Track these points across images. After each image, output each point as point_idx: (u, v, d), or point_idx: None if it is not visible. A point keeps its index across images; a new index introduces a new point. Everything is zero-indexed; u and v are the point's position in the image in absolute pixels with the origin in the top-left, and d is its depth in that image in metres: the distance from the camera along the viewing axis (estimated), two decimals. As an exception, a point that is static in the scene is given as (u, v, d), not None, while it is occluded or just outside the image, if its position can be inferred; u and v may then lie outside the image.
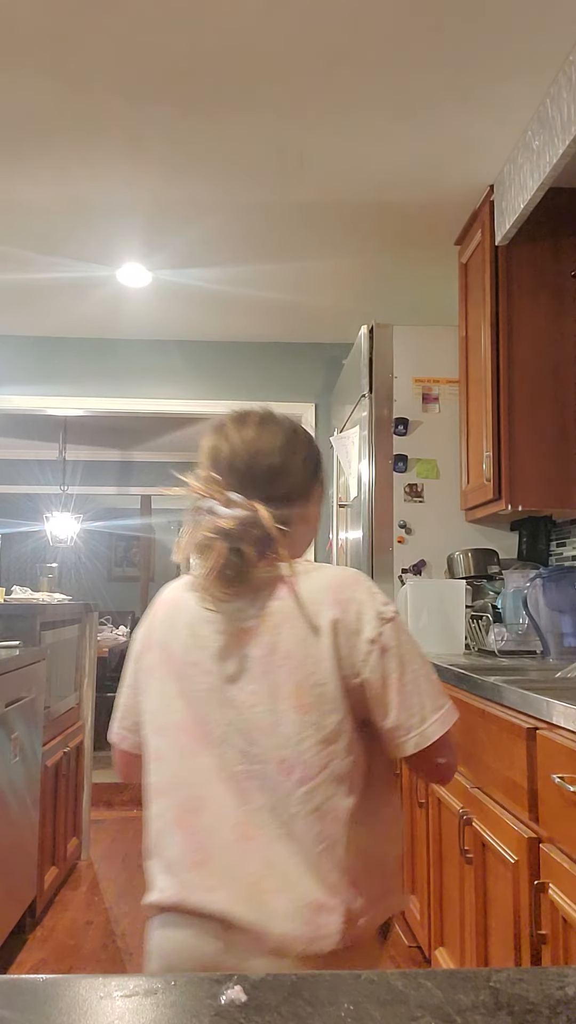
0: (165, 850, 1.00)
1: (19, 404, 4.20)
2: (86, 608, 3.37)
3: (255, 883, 0.93)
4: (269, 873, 0.93)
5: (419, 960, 2.39)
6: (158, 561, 10.36)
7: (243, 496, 1.02)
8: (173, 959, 0.96)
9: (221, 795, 0.96)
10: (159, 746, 1.04)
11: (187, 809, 0.98)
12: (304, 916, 0.91)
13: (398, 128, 2.35)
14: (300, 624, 0.99)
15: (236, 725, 0.97)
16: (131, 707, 1.12)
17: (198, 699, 1.00)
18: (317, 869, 0.93)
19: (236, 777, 0.96)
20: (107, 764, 4.52)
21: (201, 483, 1.05)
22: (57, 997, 0.41)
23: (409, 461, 3.06)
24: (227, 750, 0.97)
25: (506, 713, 1.55)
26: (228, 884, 0.93)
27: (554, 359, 2.60)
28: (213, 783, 0.97)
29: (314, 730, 0.96)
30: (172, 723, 1.02)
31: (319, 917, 0.91)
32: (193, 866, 0.96)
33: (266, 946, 0.91)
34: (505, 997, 0.41)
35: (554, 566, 2.81)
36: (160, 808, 1.02)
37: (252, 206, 2.82)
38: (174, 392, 4.25)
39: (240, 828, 0.95)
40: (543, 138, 2.19)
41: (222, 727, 0.98)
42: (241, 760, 0.97)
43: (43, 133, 2.38)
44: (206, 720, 0.99)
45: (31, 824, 2.47)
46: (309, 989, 0.41)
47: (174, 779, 1.01)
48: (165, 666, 1.05)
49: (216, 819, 0.96)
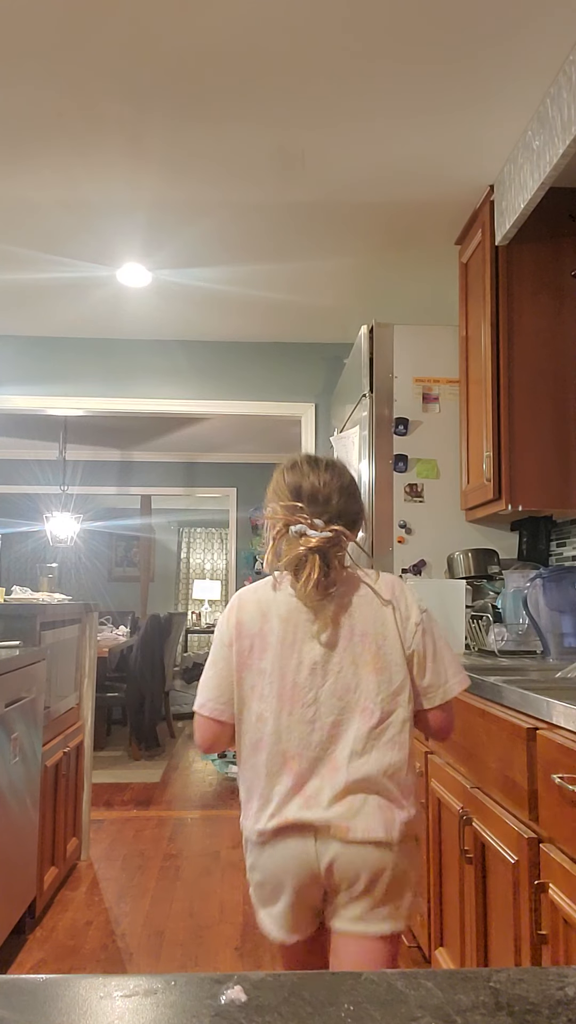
0: (272, 787, 1.31)
1: (19, 404, 4.21)
2: (86, 608, 3.37)
3: (343, 799, 1.27)
4: (353, 790, 1.28)
5: (419, 960, 2.39)
6: (158, 561, 10.37)
7: (323, 522, 1.36)
8: (279, 863, 1.30)
9: (317, 742, 1.30)
10: (262, 710, 1.34)
11: (290, 756, 1.31)
12: (379, 817, 1.27)
13: (398, 128, 2.35)
14: (371, 611, 1.36)
15: (328, 688, 1.31)
16: (225, 686, 1.38)
17: (295, 672, 1.32)
18: (386, 785, 1.29)
19: (327, 726, 1.30)
20: (107, 764, 4.51)
21: (287, 512, 1.37)
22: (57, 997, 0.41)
23: (409, 461, 3.06)
24: (321, 707, 1.31)
25: (506, 713, 1.55)
26: (325, 803, 1.28)
27: (554, 359, 2.60)
28: (309, 733, 1.30)
29: (387, 686, 1.32)
30: (273, 692, 1.33)
31: (389, 817, 1.28)
32: (297, 794, 1.30)
33: (353, 838, 1.26)
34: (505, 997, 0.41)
35: (554, 566, 2.81)
36: (264, 758, 1.33)
37: (252, 206, 2.82)
38: (174, 392, 4.25)
39: (331, 762, 1.30)
40: (543, 138, 2.19)
41: (315, 690, 1.31)
42: (331, 712, 1.31)
43: (44, 133, 2.38)
44: (302, 686, 1.32)
45: (31, 824, 2.47)
46: (309, 989, 0.41)
47: (275, 735, 1.32)
48: (261, 650, 1.36)
49: (312, 759, 1.30)
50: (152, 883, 3.03)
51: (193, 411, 4.29)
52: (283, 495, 1.39)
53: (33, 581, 9.02)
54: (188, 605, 10.66)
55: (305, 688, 1.32)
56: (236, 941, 2.55)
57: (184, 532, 10.88)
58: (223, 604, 10.25)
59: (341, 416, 3.73)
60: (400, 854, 1.29)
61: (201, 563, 10.90)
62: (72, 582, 9.58)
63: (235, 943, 2.53)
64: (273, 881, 1.32)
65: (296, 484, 1.39)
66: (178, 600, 10.78)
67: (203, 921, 2.69)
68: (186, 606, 10.68)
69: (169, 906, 2.81)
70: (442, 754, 2.07)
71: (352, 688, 1.31)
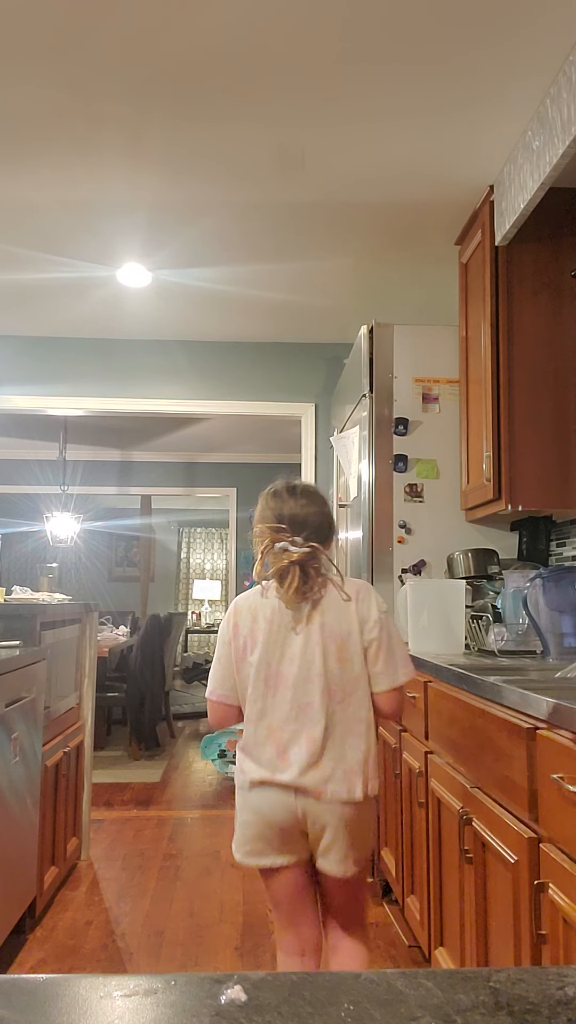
0: (261, 753, 1.63)
1: (19, 404, 4.21)
2: (86, 608, 3.37)
3: (315, 764, 1.59)
4: (322, 758, 1.59)
5: (419, 960, 2.39)
6: (158, 561, 10.37)
7: (303, 537, 1.64)
8: (265, 806, 1.62)
9: (293, 718, 1.61)
10: (253, 693, 1.64)
11: (273, 728, 1.62)
12: (345, 782, 1.59)
13: (398, 128, 2.35)
14: (339, 610, 1.65)
15: (301, 674, 1.62)
16: (228, 676, 1.69)
17: (277, 663, 1.63)
18: (351, 754, 1.60)
19: (302, 706, 1.61)
20: (107, 764, 4.51)
21: (272, 531, 1.65)
22: (57, 997, 0.41)
23: (409, 461, 3.06)
24: (296, 690, 1.61)
25: (506, 713, 1.55)
26: (299, 767, 1.59)
27: (554, 359, 2.60)
28: (288, 711, 1.62)
29: (349, 672, 1.63)
30: (261, 679, 1.64)
31: (353, 782, 1.59)
32: (279, 759, 1.61)
33: (322, 797, 1.58)
34: (505, 997, 0.41)
35: (554, 566, 2.81)
36: (254, 729, 1.65)
37: (252, 206, 2.82)
38: (174, 392, 4.25)
39: (305, 734, 1.60)
40: (543, 138, 2.19)
41: (293, 677, 1.62)
42: (306, 695, 1.61)
43: (44, 133, 2.38)
44: (283, 674, 1.63)
45: (31, 824, 2.47)
46: (309, 989, 0.41)
47: (263, 712, 1.64)
48: (252, 646, 1.66)
49: (290, 733, 1.61)
50: (152, 883, 3.03)
51: (193, 411, 4.29)
52: (268, 518, 1.68)
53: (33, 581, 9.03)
54: (188, 605, 10.66)
55: (285, 675, 1.63)
56: (236, 941, 2.55)
57: (184, 532, 10.89)
58: (223, 604, 10.26)
59: (341, 416, 3.73)
60: (361, 811, 1.62)
61: (201, 563, 10.90)
62: (72, 582, 9.58)
63: (235, 943, 2.53)
64: (258, 818, 1.64)
65: (278, 509, 1.68)
66: (178, 600, 10.78)
67: (203, 921, 2.69)
68: (186, 606, 10.68)
69: (169, 906, 2.81)
70: (442, 754, 2.07)
71: (322, 674, 1.62)
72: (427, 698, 2.23)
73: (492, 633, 2.56)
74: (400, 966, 2.35)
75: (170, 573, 10.74)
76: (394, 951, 2.48)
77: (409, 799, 2.41)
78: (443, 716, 2.05)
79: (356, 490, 3.19)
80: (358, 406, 3.20)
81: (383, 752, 2.79)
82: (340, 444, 3.53)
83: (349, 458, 3.40)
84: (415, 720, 2.37)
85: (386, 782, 2.80)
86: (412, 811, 2.37)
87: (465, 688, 1.85)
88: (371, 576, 3.03)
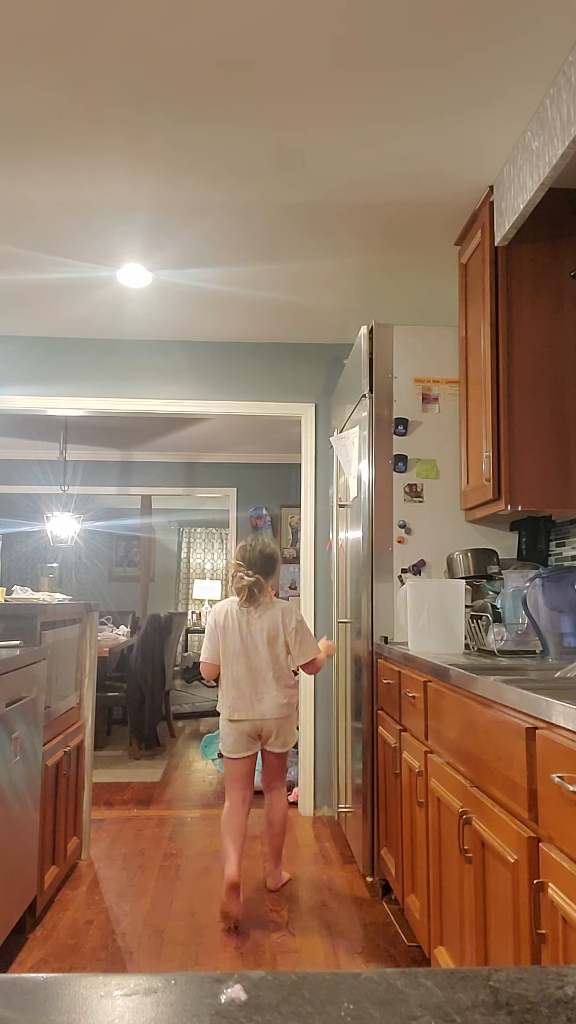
0: (227, 696, 2.82)
1: (19, 404, 4.21)
2: (86, 608, 3.38)
3: (260, 704, 2.79)
4: (264, 700, 2.79)
5: (419, 959, 2.39)
6: (158, 561, 10.37)
7: (252, 572, 2.81)
8: (236, 728, 2.81)
9: (247, 678, 2.80)
10: (225, 660, 2.83)
11: (234, 682, 2.81)
12: (277, 709, 2.80)
13: (398, 128, 2.36)
14: (272, 617, 2.83)
15: (250, 651, 2.81)
16: (214, 648, 2.87)
17: (240, 643, 2.81)
18: (279, 697, 2.80)
19: (252, 670, 2.80)
20: (107, 764, 4.54)
21: (236, 566, 2.85)
22: (57, 996, 0.41)
23: (409, 461, 3.06)
24: (249, 660, 2.80)
25: (506, 713, 1.55)
26: (251, 707, 2.79)
27: (554, 359, 2.60)
28: (244, 673, 2.80)
29: (277, 652, 2.82)
30: (231, 652, 2.82)
31: (283, 708, 2.81)
32: (239, 702, 2.80)
33: (265, 718, 2.79)
34: (505, 996, 0.41)
35: (553, 566, 2.81)
36: (226, 684, 2.83)
37: (252, 206, 2.82)
38: (174, 392, 4.25)
39: (253, 687, 2.80)
40: (542, 139, 2.19)
41: (247, 654, 2.81)
42: (252, 665, 2.80)
43: (44, 133, 2.38)
44: (238, 652, 2.81)
45: (31, 824, 2.47)
46: (309, 988, 0.41)
47: (231, 674, 2.82)
48: (224, 634, 2.84)
49: (245, 686, 2.80)
50: (152, 882, 3.04)
51: (193, 411, 4.29)
52: (237, 558, 2.87)
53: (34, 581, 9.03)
54: (188, 605, 10.66)
55: (240, 652, 2.82)
56: (236, 940, 2.55)
57: (184, 532, 10.88)
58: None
59: (341, 416, 3.73)
60: (287, 720, 2.84)
61: (201, 563, 10.90)
62: (72, 582, 9.59)
63: (235, 942, 2.53)
64: (234, 733, 2.82)
65: (241, 552, 2.86)
66: (178, 600, 10.78)
67: (203, 920, 2.69)
68: (186, 606, 10.68)
69: (169, 905, 2.82)
70: (442, 754, 2.07)
71: (261, 652, 2.81)
72: (427, 698, 2.23)
73: (492, 633, 2.56)
74: (400, 965, 2.35)
75: (170, 573, 10.74)
76: (394, 950, 2.48)
77: (409, 799, 2.41)
78: (443, 716, 2.05)
79: (356, 490, 3.19)
80: (358, 406, 3.20)
81: (383, 751, 2.82)
82: (340, 444, 3.53)
83: (349, 458, 3.40)
84: (415, 720, 2.38)
85: (386, 782, 2.80)
86: (412, 811, 2.38)
87: (465, 688, 1.85)
88: (371, 576, 3.04)
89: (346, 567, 3.62)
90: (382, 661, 2.91)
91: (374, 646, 3.02)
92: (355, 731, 3.18)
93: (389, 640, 2.99)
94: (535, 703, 1.41)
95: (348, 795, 3.37)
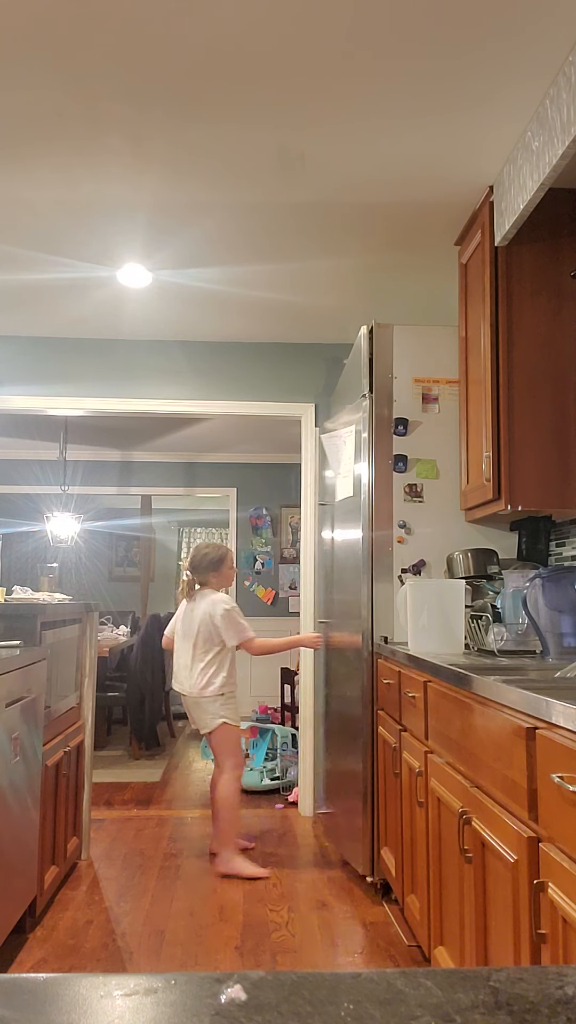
0: (176, 671, 3.36)
1: (19, 404, 4.21)
2: (86, 608, 3.38)
3: (188, 679, 3.28)
4: (186, 676, 3.29)
5: (419, 959, 2.39)
6: (158, 561, 10.36)
7: (190, 572, 3.41)
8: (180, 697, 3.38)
9: (181, 658, 3.34)
10: (175, 638, 3.41)
11: (176, 659, 3.37)
12: (191, 688, 3.27)
13: (398, 128, 2.36)
14: (206, 607, 3.28)
15: (186, 635, 3.33)
16: (171, 629, 3.45)
17: (181, 628, 3.37)
18: (197, 679, 3.25)
19: (183, 651, 3.33)
20: (107, 764, 4.54)
21: (185, 567, 3.45)
22: (57, 996, 0.41)
23: (409, 461, 3.06)
24: (187, 642, 3.31)
25: (506, 713, 1.55)
26: (179, 681, 3.33)
27: (553, 360, 2.60)
28: (180, 653, 3.34)
29: (207, 635, 3.26)
30: (177, 635, 3.40)
31: (193, 687, 3.26)
32: (177, 675, 3.35)
33: (183, 692, 3.30)
34: (505, 996, 0.41)
35: (553, 566, 2.81)
36: (175, 659, 3.38)
37: (252, 206, 2.82)
38: (174, 392, 4.25)
39: (182, 664, 3.33)
40: (542, 139, 2.19)
41: (184, 637, 3.34)
42: (189, 647, 3.30)
43: (44, 133, 2.38)
44: (181, 634, 3.36)
45: (31, 824, 2.47)
46: (309, 988, 0.41)
47: (177, 649, 3.37)
48: (177, 619, 3.43)
49: (179, 663, 3.35)
50: (152, 882, 3.04)
51: (193, 411, 4.29)
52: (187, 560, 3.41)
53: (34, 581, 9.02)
54: (188, 605, 10.64)
55: (181, 635, 3.33)
56: (236, 940, 2.55)
57: (184, 532, 10.88)
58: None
59: (341, 416, 3.73)
60: (198, 702, 3.24)
61: (201, 563, 10.88)
62: (72, 582, 9.58)
63: (235, 942, 2.53)
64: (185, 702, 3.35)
65: (189, 556, 3.43)
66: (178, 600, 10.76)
67: (203, 920, 2.69)
68: (186, 606, 10.66)
69: (169, 905, 2.82)
70: (442, 754, 2.07)
71: (195, 636, 3.25)
72: (427, 698, 2.23)
73: (492, 633, 2.56)
74: (400, 965, 2.35)
75: (170, 573, 10.74)
76: (394, 950, 2.48)
77: (409, 799, 2.41)
78: (443, 716, 2.05)
79: (355, 490, 3.19)
80: (358, 406, 3.20)
81: (383, 751, 2.81)
82: (330, 442, 3.53)
83: (339, 457, 3.41)
84: (415, 720, 2.38)
85: (386, 781, 2.80)
86: (412, 810, 2.38)
87: (465, 688, 1.85)
88: (371, 576, 3.04)
89: (331, 566, 3.65)
90: (382, 661, 2.91)
91: (374, 646, 3.02)
92: (336, 729, 3.18)
93: (389, 640, 2.99)
94: (535, 703, 1.41)
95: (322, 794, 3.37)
